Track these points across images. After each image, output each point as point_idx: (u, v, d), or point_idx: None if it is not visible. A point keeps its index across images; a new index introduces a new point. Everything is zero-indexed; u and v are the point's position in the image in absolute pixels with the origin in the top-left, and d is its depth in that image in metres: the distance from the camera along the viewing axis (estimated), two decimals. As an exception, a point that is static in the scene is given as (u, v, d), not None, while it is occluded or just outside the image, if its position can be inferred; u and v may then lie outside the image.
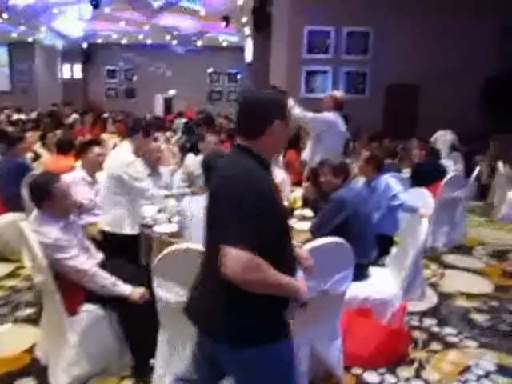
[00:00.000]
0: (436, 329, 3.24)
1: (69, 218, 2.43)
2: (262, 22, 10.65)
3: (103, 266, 2.60)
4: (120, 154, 3.09)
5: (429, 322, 3.35)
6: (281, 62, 10.38)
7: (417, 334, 3.14)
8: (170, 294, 2.09)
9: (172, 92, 21.03)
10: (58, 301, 2.31)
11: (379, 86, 10.16)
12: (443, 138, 8.48)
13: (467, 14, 9.33)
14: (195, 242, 2.29)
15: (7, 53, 19.87)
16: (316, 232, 2.95)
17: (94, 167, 3.37)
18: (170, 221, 3.10)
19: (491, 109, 9.38)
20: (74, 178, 3.24)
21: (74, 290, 2.38)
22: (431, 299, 3.72)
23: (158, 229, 2.94)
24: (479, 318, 3.45)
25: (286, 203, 3.60)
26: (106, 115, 16.68)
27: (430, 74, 9.68)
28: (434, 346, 3.02)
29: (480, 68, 9.55)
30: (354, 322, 2.66)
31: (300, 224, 3.12)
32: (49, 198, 2.34)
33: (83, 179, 3.32)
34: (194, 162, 4.29)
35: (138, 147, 3.13)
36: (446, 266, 4.50)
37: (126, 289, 2.41)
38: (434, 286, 4.00)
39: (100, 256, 2.66)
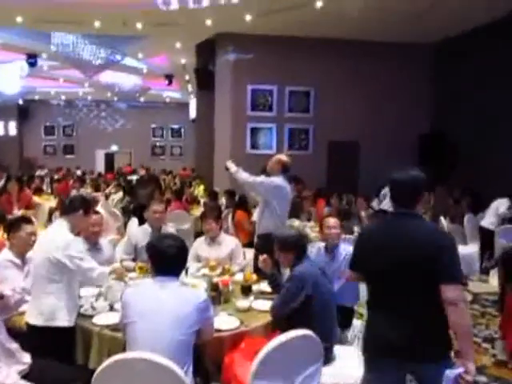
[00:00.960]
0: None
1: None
2: (205, 80, 10.78)
3: (30, 371, 2.21)
4: (56, 235, 2.73)
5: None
6: (225, 119, 10.46)
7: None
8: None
9: (114, 147, 20.60)
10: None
11: (322, 143, 10.46)
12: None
13: (404, 72, 10.02)
14: (141, 338, 2.00)
15: None
16: (276, 314, 2.73)
17: (24, 248, 2.96)
18: (112, 308, 2.71)
19: (425, 163, 9.89)
20: (1, 262, 2.83)
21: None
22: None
23: (97, 320, 2.55)
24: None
25: (240, 278, 3.37)
26: (42, 173, 15.92)
27: (368, 131, 10.16)
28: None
29: (413, 125, 10.18)
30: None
31: (259, 303, 2.88)
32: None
33: (11, 262, 2.91)
34: (138, 232, 3.97)
35: (76, 225, 2.81)
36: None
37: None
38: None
39: (26, 359, 2.25)
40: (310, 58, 9.86)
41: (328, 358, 2.69)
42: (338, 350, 2.86)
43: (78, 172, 15.82)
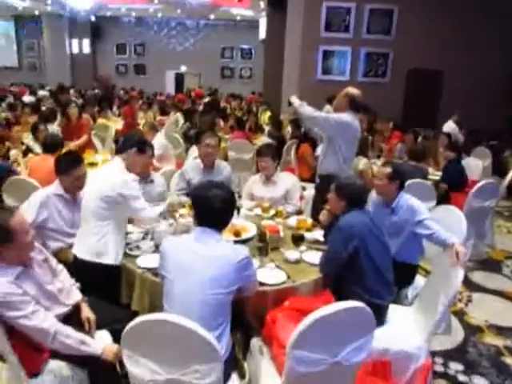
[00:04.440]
0: (463, 378, 2.81)
1: (27, 262, 2.01)
2: (277, -4, 9.95)
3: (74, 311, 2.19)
4: (112, 173, 2.67)
5: (454, 366, 2.91)
6: (296, 40, 9.72)
7: (442, 384, 2.73)
8: (144, 370, 1.69)
9: (183, 68, 20.40)
10: (15, 361, 1.93)
11: (401, 70, 9.47)
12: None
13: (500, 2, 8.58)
14: (175, 294, 1.88)
15: (14, 28, 19.41)
16: (324, 270, 2.50)
17: (73, 189, 2.89)
18: (157, 248, 2.62)
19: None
20: (47, 197, 2.81)
21: (34, 347, 1.99)
22: (457, 334, 3.28)
23: (141, 261, 2.49)
24: (512, 362, 3.01)
25: (293, 223, 3.15)
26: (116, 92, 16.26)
27: (455, 61, 8.99)
28: (462, 403, 2.59)
29: (506, 61, 8.84)
30: (369, 385, 2.23)
31: (310, 255, 2.66)
32: (6, 240, 1.90)
33: (61, 197, 2.88)
34: (191, 167, 3.81)
35: (131, 164, 2.72)
36: (473, 288, 4.03)
37: (96, 347, 2.01)
38: (459, 314, 3.56)
39: (69, 301, 2.22)
40: (395, -31, 8.68)
41: (380, 320, 2.46)
42: (393, 310, 2.61)
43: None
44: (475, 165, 5.97)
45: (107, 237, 2.58)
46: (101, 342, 2.07)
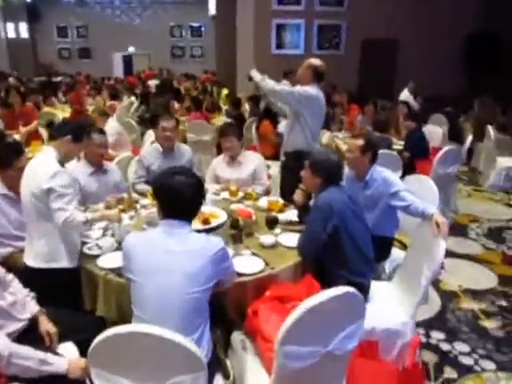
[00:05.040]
0: (446, 346, 2.80)
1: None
2: (224, -31, 9.57)
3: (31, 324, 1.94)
4: (41, 165, 2.29)
5: (436, 335, 2.90)
6: (248, 15, 9.41)
7: (427, 355, 2.69)
8: (116, 387, 1.49)
9: (131, 49, 19.51)
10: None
11: (355, 41, 9.42)
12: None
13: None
14: (145, 299, 1.68)
15: None
16: (303, 252, 2.37)
17: (17, 184, 2.45)
18: (120, 245, 2.37)
19: (472, 68, 8.85)
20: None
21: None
22: (435, 302, 3.28)
23: (103, 261, 2.23)
24: (490, 325, 3.03)
25: (264, 205, 2.98)
26: (59, 79, 15.33)
27: (408, 29, 9.02)
28: (448, 372, 2.57)
29: (462, 24, 8.93)
30: (359, 367, 2.13)
31: (287, 238, 2.51)
32: None
33: (3, 196, 2.57)
34: (149, 152, 3.54)
35: (65, 153, 2.36)
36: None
37: (60, 365, 1.78)
38: (434, 281, 3.53)
39: (24, 315, 1.96)
40: None
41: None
42: (373, 286, 2.52)
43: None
44: (435, 132, 6.02)
45: (56, 238, 2.27)
46: (65, 358, 1.84)
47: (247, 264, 2.20)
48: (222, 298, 2.07)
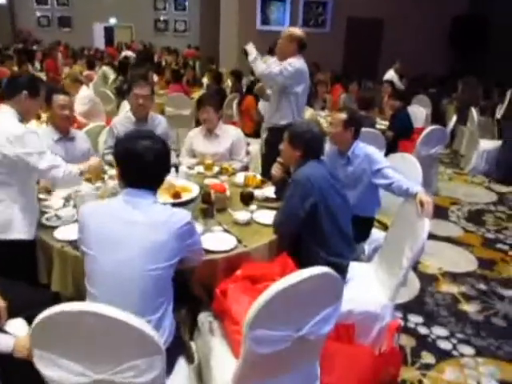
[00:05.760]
0: (424, 330, 2.71)
1: None
2: None
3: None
4: (1, 127, 2.11)
5: (414, 319, 2.81)
6: (233, -12, 9.07)
7: (404, 339, 2.60)
8: (63, 373, 1.33)
9: (113, 20, 18.78)
10: None
11: (341, 19, 9.18)
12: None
13: None
14: (101, 275, 1.51)
15: None
16: (279, 230, 2.22)
17: None
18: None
19: (458, 49, 8.73)
20: None
21: None
22: (413, 285, 3.19)
23: (59, 233, 2.05)
24: (469, 308, 2.96)
25: (240, 181, 2.81)
26: (34, 47, 14.66)
27: (394, 8, 8.82)
28: (426, 357, 2.48)
29: (446, 6, 8.78)
30: (334, 351, 2.02)
31: (262, 215, 2.35)
32: None
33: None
34: (119, 120, 3.32)
35: (23, 111, 2.16)
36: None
37: (7, 343, 1.60)
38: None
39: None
40: None
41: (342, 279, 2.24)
42: (352, 267, 2.40)
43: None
44: (419, 112, 5.91)
45: (12, 207, 2.08)
46: (11, 336, 1.66)
47: (218, 241, 2.04)
48: (189, 276, 1.92)
